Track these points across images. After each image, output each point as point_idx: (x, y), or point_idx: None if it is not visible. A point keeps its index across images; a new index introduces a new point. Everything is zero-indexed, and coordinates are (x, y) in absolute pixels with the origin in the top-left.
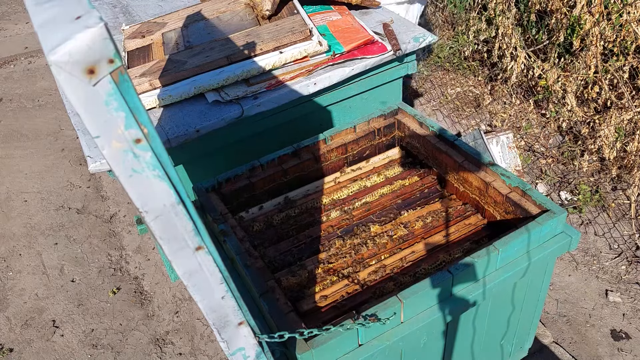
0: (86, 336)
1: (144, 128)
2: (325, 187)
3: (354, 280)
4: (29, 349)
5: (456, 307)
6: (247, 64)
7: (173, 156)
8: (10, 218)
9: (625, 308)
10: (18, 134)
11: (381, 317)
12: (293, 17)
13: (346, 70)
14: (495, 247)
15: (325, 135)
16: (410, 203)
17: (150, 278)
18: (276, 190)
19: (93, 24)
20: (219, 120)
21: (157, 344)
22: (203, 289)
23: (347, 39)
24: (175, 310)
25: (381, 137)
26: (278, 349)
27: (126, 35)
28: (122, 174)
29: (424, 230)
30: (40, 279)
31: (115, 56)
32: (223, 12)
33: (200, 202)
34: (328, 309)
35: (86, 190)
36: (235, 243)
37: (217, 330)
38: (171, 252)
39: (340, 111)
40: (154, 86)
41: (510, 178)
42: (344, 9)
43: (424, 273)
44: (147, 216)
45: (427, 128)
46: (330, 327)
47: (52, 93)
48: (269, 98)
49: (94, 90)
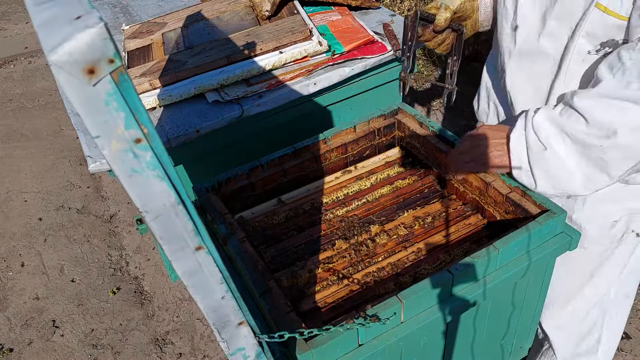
0: (86, 336)
1: (144, 128)
2: (325, 187)
3: (354, 280)
4: (29, 349)
5: (456, 307)
6: (247, 64)
7: (173, 156)
8: (10, 218)
9: None
10: (18, 134)
11: (381, 317)
12: (293, 17)
13: (346, 70)
14: (495, 247)
15: (325, 135)
16: (410, 203)
17: (150, 278)
18: (276, 190)
19: (93, 24)
20: (219, 120)
21: (157, 344)
22: (203, 289)
23: (347, 39)
24: (175, 310)
25: (381, 137)
26: (278, 348)
27: (126, 35)
28: (122, 174)
29: (423, 230)
30: (40, 279)
31: (115, 56)
32: (223, 12)
33: (200, 202)
34: (328, 309)
35: (86, 190)
36: (236, 243)
37: (217, 330)
38: (171, 252)
39: (340, 111)
40: (154, 86)
41: (510, 178)
42: (344, 9)
43: (424, 273)
44: (147, 216)
45: (427, 128)
46: (330, 327)
47: (52, 93)
48: (269, 98)
49: (94, 90)
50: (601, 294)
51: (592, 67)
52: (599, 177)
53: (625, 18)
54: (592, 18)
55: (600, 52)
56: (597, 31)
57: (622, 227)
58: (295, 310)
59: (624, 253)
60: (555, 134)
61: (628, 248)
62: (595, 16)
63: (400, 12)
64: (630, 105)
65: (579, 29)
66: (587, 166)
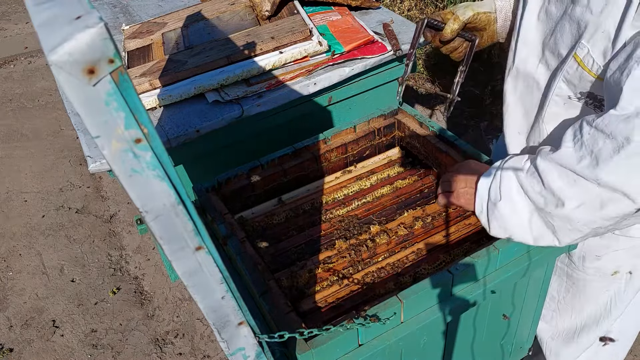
0: (86, 336)
1: (144, 128)
2: (325, 187)
3: (354, 280)
4: (29, 349)
5: (456, 307)
6: (247, 64)
7: (173, 156)
8: (10, 218)
9: None
10: (18, 134)
11: (381, 317)
12: (293, 17)
13: (346, 70)
14: (495, 247)
15: (325, 135)
16: (410, 203)
17: (150, 278)
18: (276, 190)
19: (93, 24)
20: (219, 120)
21: (157, 344)
22: (203, 289)
23: (347, 39)
24: (175, 310)
25: (381, 137)
26: (278, 348)
27: (126, 35)
28: (122, 174)
29: (424, 230)
30: (40, 279)
31: (115, 56)
32: (223, 12)
33: (200, 202)
34: (328, 309)
35: (86, 190)
36: (236, 243)
37: (217, 330)
38: (171, 252)
39: (340, 111)
40: (154, 86)
41: None
42: (344, 9)
43: (424, 273)
44: (147, 216)
45: (427, 128)
46: (330, 327)
47: (52, 93)
48: (269, 98)
49: (94, 90)
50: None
51: (576, 112)
52: (549, 238)
53: (596, 76)
54: (570, 66)
55: (581, 100)
56: (574, 80)
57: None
58: (295, 310)
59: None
60: (516, 189)
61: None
62: (572, 65)
63: (400, 12)
64: (581, 181)
65: (559, 72)
66: (539, 225)
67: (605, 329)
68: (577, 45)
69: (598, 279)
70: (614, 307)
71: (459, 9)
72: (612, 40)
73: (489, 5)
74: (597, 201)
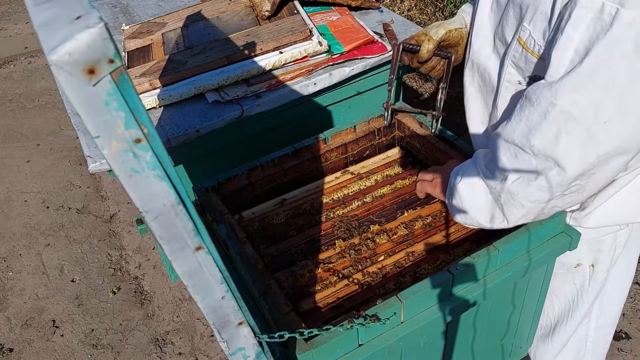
0: (86, 336)
1: (144, 128)
2: (325, 187)
3: (354, 280)
4: (29, 349)
5: (456, 307)
6: (247, 64)
7: (173, 156)
8: (10, 218)
9: (625, 308)
10: (18, 134)
11: (381, 317)
12: (293, 17)
13: (346, 70)
14: (495, 247)
15: (325, 135)
16: (410, 203)
17: (150, 278)
18: (276, 190)
19: (93, 24)
20: (219, 120)
21: (157, 344)
22: (203, 289)
23: (347, 39)
24: (175, 310)
25: (381, 137)
26: (278, 348)
27: (126, 35)
28: (122, 174)
29: (423, 230)
30: (40, 279)
31: (115, 56)
32: (223, 12)
33: (200, 202)
34: (328, 309)
35: (86, 190)
36: (236, 243)
37: (217, 330)
38: (171, 252)
39: (340, 111)
40: (154, 86)
41: None
42: (344, 9)
43: (424, 273)
44: (147, 216)
45: (427, 128)
46: (330, 327)
47: (52, 93)
48: (269, 98)
49: (94, 90)
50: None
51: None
52: (499, 217)
53: (538, 56)
54: (516, 50)
55: (531, 84)
56: (520, 64)
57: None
58: (295, 310)
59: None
60: (475, 171)
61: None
62: (517, 48)
63: (400, 12)
64: (520, 153)
65: (506, 57)
66: (490, 205)
67: (578, 321)
68: (520, 29)
69: (563, 271)
70: (581, 301)
71: (431, 29)
72: (549, 19)
73: (460, 21)
74: (533, 171)
